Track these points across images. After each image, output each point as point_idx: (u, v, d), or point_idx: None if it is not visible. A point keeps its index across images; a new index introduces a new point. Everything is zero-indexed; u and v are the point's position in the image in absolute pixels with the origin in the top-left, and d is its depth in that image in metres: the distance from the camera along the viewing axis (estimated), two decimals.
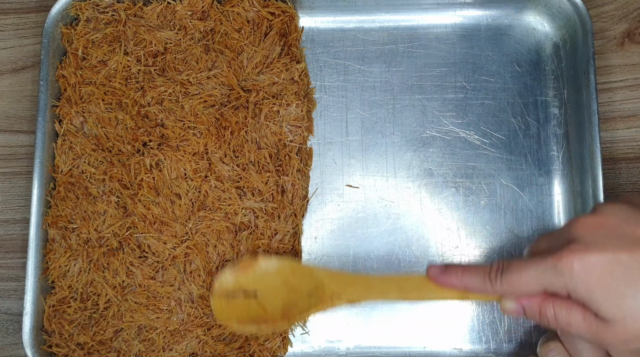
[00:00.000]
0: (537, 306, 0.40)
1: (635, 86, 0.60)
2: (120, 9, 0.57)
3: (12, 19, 0.62)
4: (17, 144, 0.60)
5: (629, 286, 0.36)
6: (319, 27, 0.60)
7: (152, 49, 0.57)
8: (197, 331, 0.54)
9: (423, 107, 0.59)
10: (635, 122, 0.59)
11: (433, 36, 0.60)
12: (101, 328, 0.54)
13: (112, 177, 0.55)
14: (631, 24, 0.61)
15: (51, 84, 0.56)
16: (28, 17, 0.62)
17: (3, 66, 0.61)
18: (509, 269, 0.40)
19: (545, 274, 0.38)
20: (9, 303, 0.58)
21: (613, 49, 0.60)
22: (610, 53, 0.60)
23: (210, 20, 0.57)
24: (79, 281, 0.54)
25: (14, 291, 0.58)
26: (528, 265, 0.39)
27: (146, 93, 0.56)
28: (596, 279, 0.36)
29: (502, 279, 0.40)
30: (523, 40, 0.59)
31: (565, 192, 0.57)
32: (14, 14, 0.62)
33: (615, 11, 0.61)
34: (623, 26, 0.61)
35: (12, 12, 0.62)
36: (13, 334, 0.58)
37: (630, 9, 0.61)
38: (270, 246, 0.55)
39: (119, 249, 0.55)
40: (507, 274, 0.40)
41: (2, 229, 0.59)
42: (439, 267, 0.45)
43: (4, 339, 0.58)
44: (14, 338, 0.58)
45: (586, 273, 0.36)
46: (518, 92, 0.59)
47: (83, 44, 0.57)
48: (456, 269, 0.43)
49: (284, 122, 0.56)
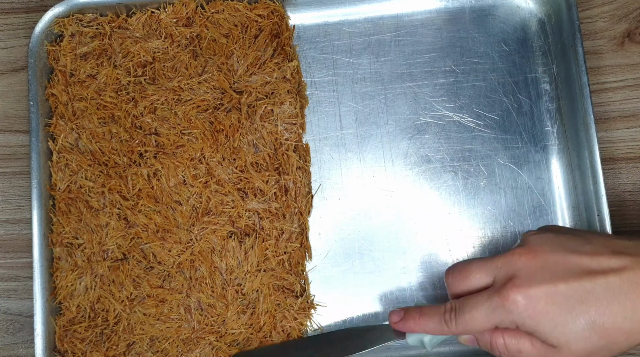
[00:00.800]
0: (488, 337, 0.44)
1: (635, 86, 0.60)
2: (104, 22, 0.57)
3: (12, 18, 0.62)
4: (17, 144, 0.60)
5: (569, 313, 0.39)
6: (304, 23, 0.60)
7: (141, 60, 0.56)
8: (209, 337, 0.54)
9: (415, 94, 0.59)
10: (635, 122, 0.59)
11: (418, 23, 0.60)
12: (113, 343, 0.54)
13: (111, 189, 0.55)
14: (631, 24, 0.61)
15: (41, 103, 0.56)
16: (28, 17, 0.62)
17: (3, 66, 0.62)
18: (462, 310, 0.43)
19: (495, 312, 0.41)
20: (9, 303, 0.58)
21: (613, 49, 0.61)
22: (611, 53, 0.61)
23: (196, 26, 0.57)
24: (86, 299, 0.54)
25: (14, 290, 0.58)
26: (477, 304, 0.42)
27: (138, 103, 0.56)
28: (541, 310, 0.39)
29: (457, 322, 0.43)
30: (508, 19, 0.60)
31: (562, 166, 0.58)
32: (14, 14, 0.62)
33: (615, 11, 0.61)
34: (623, 26, 0.61)
35: (12, 12, 0.62)
36: (13, 334, 0.58)
37: (630, 9, 0.61)
38: (278, 246, 0.55)
39: (123, 259, 0.54)
40: (460, 316, 0.43)
41: (2, 229, 0.59)
42: (398, 313, 0.47)
43: (4, 339, 0.58)
44: (14, 338, 0.58)
45: (531, 307, 0.39)
46: (507, 71, 0.59)
47: (70, 60, 0.57)
48: (414, 314, 0.46)
49: (279, 121, 0.55)
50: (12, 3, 0.62)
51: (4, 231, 0.59)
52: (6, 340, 0.58)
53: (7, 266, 0.59)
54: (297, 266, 0.55)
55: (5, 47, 0.62)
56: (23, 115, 0.61)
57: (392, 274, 0.57)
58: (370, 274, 0.57)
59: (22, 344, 0.58)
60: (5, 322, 0.58)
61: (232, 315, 0.54)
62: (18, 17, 0.62)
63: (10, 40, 0.62)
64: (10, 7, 0.62)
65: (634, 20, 0.61)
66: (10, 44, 0.62)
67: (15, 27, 0.62)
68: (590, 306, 0.39)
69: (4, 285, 0.59)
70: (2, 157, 0.60)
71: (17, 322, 0.58)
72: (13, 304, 0.58)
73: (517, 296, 0.40)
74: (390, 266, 0.57)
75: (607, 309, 0.39)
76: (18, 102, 0.61)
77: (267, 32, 0.57)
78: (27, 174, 0.58)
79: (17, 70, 0.62)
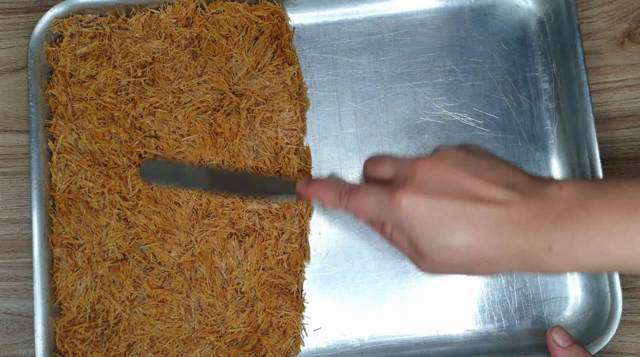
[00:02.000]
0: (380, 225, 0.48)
1: (635, 86, 0.60)
2: (104, 23, 0.57)
3: (12, 18, 0.62)
4: (17, 144, 0.60)
5: (441, 228, 0.41)
6: (304, 23, 0.60)
7: (141, 60, 0.56)
8: (209, 337, 0.54)
9: (414, 93, 0.59)
10: (635, 122, 0.59)
11: (418, 22, 0.60)
12: (114, 344, 0.54)
13: (111, 189, 0.55)
14: (631, 24, 0.61)
15: (41, 103, 0.56)
16: (28, 16, 0.62)
17: (3, 66, 0.62)
18: (356, 194, 0.46)
19: (380, 206, 0.44)
20: (8, 303, 0.58)
21: (613, 49, 0.61)
22: (610, 53, 0.61)
23: (196, 26, 0.57)
24: (86, 299, 0.54)
25: (14, 290, 0.58)
26: (370, 194, 0.45)
27: (137, 104, 0.56)
28: (418, 218, 0.42)
29: (349, 202, 0.46)
30: (507, 19, 0.60)
31: (562, 165, 0.58)
32: (14, 14, 0.62)
33: (615, 11, 0.61)
34: (623, 26, 0.61)
35: (12, 11, 0.62)
36: (13, 333, 0.58)
37: (630, 9, 0.61)
38: (278, 246, 0.55)
39: (123, 260, 0.54)
40: (353, 198, 0.46)
41: (2, 229, 0.59)
42: (306, 182, 0.51)
43: (4, 339, 0.58)
44: (14, 338, 0.58)
45: (411, 212, 0.42)
46: (507, 70, 0.59)
47: (70, 60, 0.57)
48: (317, 185, 0.49)
49: (279, 127, 0.55)
50: (12, 3, 0.62)
51: (4, 230, 0.59)
52: (6, 340, 0.58)
53: (7, 265, 0.59)
54: (295, 267, 0.55)
55: (5, 47, 0.62)
56: (23, 115, 0.61)
57: (393, 273, 0.57)
58: (370, 273, 0.57)
59: (22, 344, 0.58)
60: (5, 322, 0.58)
61: (232, 314, 0.54)
62: (18, 17, 0.62)
63: (10, 40, 0.62)
64: (10, 7, 0.62)
65: (634, 20, 0.61)
66: (10, 44, 0.62)
67: (15, 27, 0.62)
68: (462, 227, 0.41)
69: (4, 285, 0.59)
70: (2, 157, 0.60)
71: (17, 322, 0.58)
72: (13, 304, 0.58)
73: (402, 198, 0.42)
74: (391, 265, 0.57)
75: (475, 234, 0.40)
76: (18, 102, 0.61)
77: (267, 35, 0.57)
78: (27, 174, 0.58)
79: (17, 70, 0.62)
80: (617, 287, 0.53)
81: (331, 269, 0.57)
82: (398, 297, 0.56)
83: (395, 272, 0.57)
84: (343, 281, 0.57)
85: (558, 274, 0.56)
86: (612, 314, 0.53)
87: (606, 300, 0.54)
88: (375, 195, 0.44)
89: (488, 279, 0.57)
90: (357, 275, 0.57)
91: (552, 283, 0.56)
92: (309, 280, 0.56)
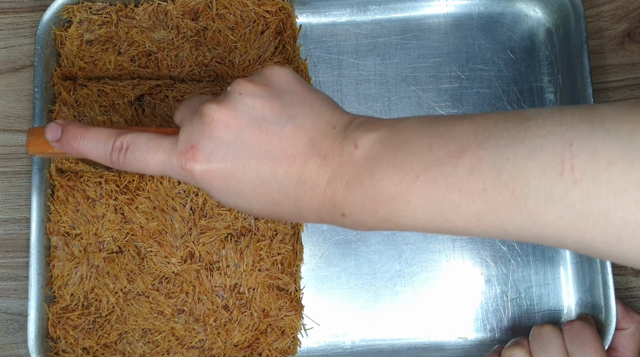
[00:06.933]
0: None
1: (635, 86, 0.60)
2: (112, 11, 0.57)
3: (11, 18, 0.62)
4: (17, 144, 0.60)
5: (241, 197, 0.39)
6: (311, 22, 0.60)
7: (146, 49, 0.57)
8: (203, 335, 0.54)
9: (419, 98, 0.59)
10: None
11: (426, 27, 0.60)
12: (105, 332, 0.54)
13: (108, 180, 0.55)
14: (631, 24, 0.61)
15: (46, 89, 0.56)
16: (27, 16, 0.62)
17: (2, 65, 0.61)
18: (134, 151, 0.40)
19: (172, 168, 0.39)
20: (8, 303, 0.58)
21: (613, 48, 0.60)
22: (610, 53, 0.60)
23: (202, 20, 0.57)
24: (80, 288, 0.54)
25: (14, 290, 0.58)
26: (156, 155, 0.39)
27: (136, 87, 0.56)
28: (215, 185, 0.38)
29: (126, 161, 0.40)
30: (516, 28, 0.59)
31: None
32: (13, 13, 0.62)
33: (615, 11, 0.61)
34: (623, 26, 0.61)
35: (11, 11, 0.62)
36: (13, 333, 0.58)
37: (630, 9, 0.61)
38: (272, 247, 0.55)
39: (119, 252, 0.54)
40: (131, 157, 0.40)
41: (2, 229, 0.59)
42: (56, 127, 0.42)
43: (4, 338, 0.58)
44: (14, 338, 0.58)
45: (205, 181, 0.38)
46: (513, 79, 0.59)
47: (76, 46, 0.57)
48: (76, 133, 0.42)
49: None
50: (11, 2, 0.62)
51: (4, 230, 0.59)
52: (6, 340, 0.58)
53: (7, 265, 0.59)
54: (290, 267, 0.55)
55: (6, 46, 0.62)
56: (23, 114, 0.60)
57: (388, 277, 0.56)
58: (365, 275, 0.57)
59: (22, 344, 0.58)
60: (5, 322, 0.58)
61: (232, 316, 0.54)
62: (18, 17, 0.62)
63: (11, 39, 0.62)
64: (10, 6, 0.62)
65: (634, 20, 0.61)
66: (10, 44, 0.62)
67: (15, 27, 0.62)
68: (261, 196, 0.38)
69: (4, 285, 0.58)
70: (2, 156, 0.60)
71: (17, 321, 0.58)
72: (13, 304, 0.58)
73: (194, 168, 0.38)
74: (386, 269, 0.57)
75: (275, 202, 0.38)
76: (18, 102, 0.61)
77: (273, 30, 0.57)
78: (27, 174, 0.58)
79: (17, 69, 0.61)
80: (612, 302, 0.52)
81: (326, 270, 0.57)
82: (391, 300, 0.56)
83: (390, 275, 0.56)
84: (337, 282, 0.57)
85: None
86: (606, 330, 0.53)
87: (600, 315, 0.53)
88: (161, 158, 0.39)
89: (483, 288, 0.56)
90: (351, 276, 0.57)
91: (547, 295, 0.56)
92: (304, 279, 0.56)
